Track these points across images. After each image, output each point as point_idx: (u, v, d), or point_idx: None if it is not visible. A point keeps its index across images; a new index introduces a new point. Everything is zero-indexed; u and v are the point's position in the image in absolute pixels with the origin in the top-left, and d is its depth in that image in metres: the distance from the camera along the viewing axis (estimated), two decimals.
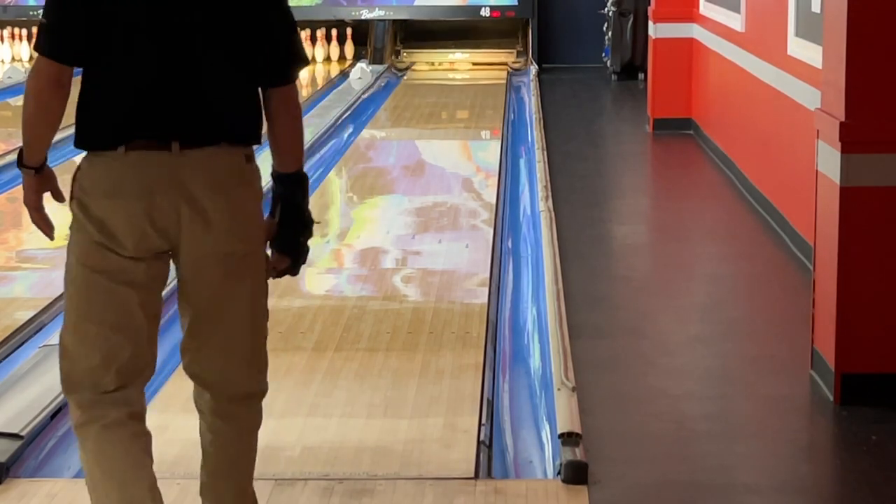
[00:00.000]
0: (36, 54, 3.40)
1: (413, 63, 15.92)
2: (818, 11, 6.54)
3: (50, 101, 3.45)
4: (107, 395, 3.34)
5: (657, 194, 9.39)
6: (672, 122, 10.88)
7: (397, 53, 16.07)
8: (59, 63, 3.32)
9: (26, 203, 3.58)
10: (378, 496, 4.04)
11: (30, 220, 3.63)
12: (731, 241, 7.57)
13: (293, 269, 3.42)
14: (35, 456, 4.38)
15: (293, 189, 3.35)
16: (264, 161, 3.37)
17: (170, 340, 5.15)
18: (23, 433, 4.39)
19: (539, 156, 9.51)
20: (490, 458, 4.44)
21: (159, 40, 3.23)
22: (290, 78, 3.33)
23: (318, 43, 16.04)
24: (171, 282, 3.43)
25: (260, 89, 3.33)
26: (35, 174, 3.59)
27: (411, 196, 8.76)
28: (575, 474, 4.12)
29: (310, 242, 3.42)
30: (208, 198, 3.25)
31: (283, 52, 3.32)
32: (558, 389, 4.79)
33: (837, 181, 4.83)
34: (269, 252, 3.41)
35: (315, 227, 3.45)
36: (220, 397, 3.46)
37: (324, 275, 6.84)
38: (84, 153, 3.55)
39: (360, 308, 6.11)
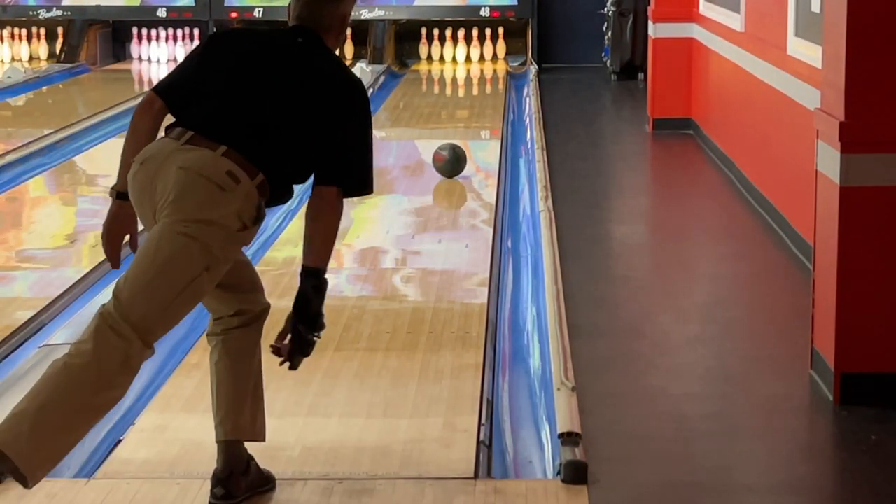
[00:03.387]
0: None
1: (413, 63, 15.92)
2: (818, 11, 6.54)
3: (139, 120, 3.87)
4: None
5: (657, 194, 9.39)
6: (672, 122, 10.88)
7: (397, 53, 16.07)
8: (157, 95, 3.86)
9: (104, 227, 3.91)
10: (378, 496, 4.04)
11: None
12: (731, 240, 7.57)
13: (291, 360, 3.87)
14: None
15: (308, 282, 3.80)
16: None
17: (169, 339, 5.16)
18: None
19: (539, 156, 9.50)
20: (490, 457, 4.44)
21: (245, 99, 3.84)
22: (339, 185, 3.78)
23: None
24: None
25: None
26: (117, 198, 3.88)
27: (411, 196, 8.76)
28: (575, 474, 4.12)
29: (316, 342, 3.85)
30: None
31: (346, 162, 3.79)
32: (558, 389, 4.79)
33: (837, 181, 4.83)
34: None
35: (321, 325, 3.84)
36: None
37: None
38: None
39: (359, 308, 6.11)
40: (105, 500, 4.00)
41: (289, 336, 3.85)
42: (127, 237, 3.90)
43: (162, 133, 3.87)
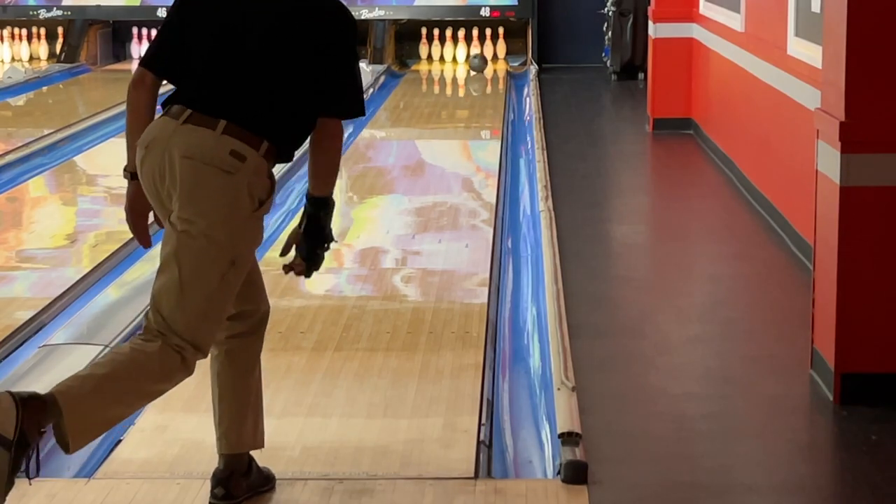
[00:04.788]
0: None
1: (413, 63, 15.92)
2: (818, 11, 6.54)
3: (134, 98, 3.86)
4: None
5: (657, 194, 9.39)
6: (672, 122, 10.88)
7: (397, 53, 16.07)
8: (144, 68, 3.85)
9: (126, 210, 3.93)
10: (378, 496, 4.04)
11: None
12: (731, 241, 7.57)
13: (306, 273, 3.96)
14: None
15: (318, 210, 3.89)
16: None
17: None
18: None
19: (539, 156, 9.51)
20: (490, 457, 4.44)
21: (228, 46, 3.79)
22: (338, 113, 3.80)
23: None
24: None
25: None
26: (131, 179, 3.89)
27: (411, 196, 8.76)
28: (575, 474, 4.12)
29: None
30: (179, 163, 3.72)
31: (341, 89, 3.79)
32: (558, 389, 4.79)
33: (837, 181, 4.83)
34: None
35: (333, 245, 3.95)
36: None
37: (324, 275, 6.82)
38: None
39: (359, 308, 6.11)
40: (105, 500, 4.00)
41: (296, 255, 3.94)
42: (151, 214, 3.89)
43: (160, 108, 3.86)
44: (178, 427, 4.63)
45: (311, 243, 3.91)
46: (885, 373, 4.88)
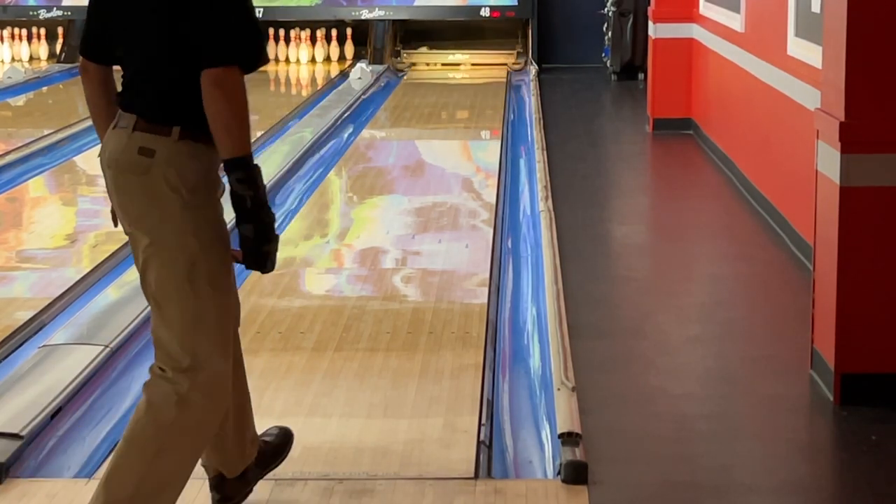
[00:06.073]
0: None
1: (413, 63, 15.92)
2: (818, 11, 6.54)
3: (86, 92, 3.69)
4: None
5: (657, 194, 9.39)
6: (672, 122, 10.88)
7: (397, 54, 16.07)
8: (83, 57, 3.66)
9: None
10: (378, 496, 4.04)
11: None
12: (731, 241, 7.57)
13: (246, 265, 3.50)
14: (35, 456, 4.38)
15: (232, 176, 3.43)
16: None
17: None
18: (23, 433, 4.39)
19: (539, 156, 9.51)
20: (490, 458, 4.44)
21: (126, 33, 3.55)
22: (215, 61, 3.39)
23: (318, 43, 16.04)
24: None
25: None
26: None
27: (411, 196, 8.76)
28: (575, 474, 4.12)
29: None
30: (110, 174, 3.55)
31: (210, 34, 3.41)
32: (558, 389, 4.79)
33: (837, 181, 4.83)
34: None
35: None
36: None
37: (324, 275, 6.85)
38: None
39: (359, 308, 6.11)
40: None
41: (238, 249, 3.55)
42: None
43: None
44: None
45: (238, 221, 3.46)
46: (885, 373, 4.88)
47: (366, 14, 15.82)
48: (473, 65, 15.77)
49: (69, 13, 16.24)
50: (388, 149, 10.94)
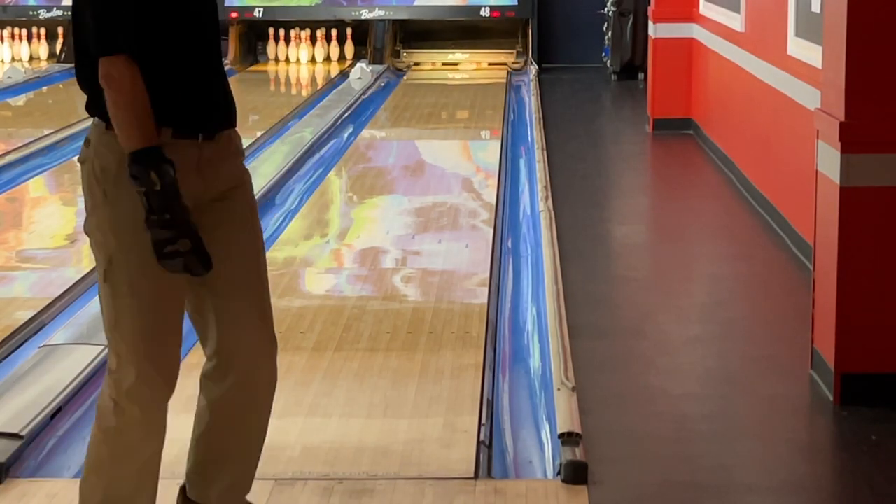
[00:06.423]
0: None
1: (413, 63, 15.92)
2: (818, 11, 6.54)
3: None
4: None
5: (657, 194, 9.39)
6: (672, 122, 10.88)
7: (397, 53, 16.07)
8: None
9: None
10: (378, 496, 4.04)
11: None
12: (731, 241, 7.57)
13: (162, 266, 3.24)
14: (35, 456, 4.38)
15: (129, 171, 3.21)
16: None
17: None
18: (23, 433, 4.39)
19: (539, 156, 9.50)
20: (490, 458, 4.44)
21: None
22: (97, 51, 3.26)
23: (318, 43, 16.04)
24: None
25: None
26: None
27: (411, 196, 8.76)
28: (575, 474, 4.12)
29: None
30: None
31: (92, 25, 3.30)
32: (558, 389, 4.79)
33: (837, 181, 4.83)
34: None
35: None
36: None
37: (324, 275, 6.84)
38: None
39: (359, 308, 6.11)
40: None
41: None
42: None
43: None
44: (177, 427, 4.61)
45: (145, 213, 3.21)
46: (885, 373, 4.88)
47: (366, 14, 15.82)
48: (474, 64, 15.77)
49: (69, 13, 16.20)
50: (388, 149, 10.94)
